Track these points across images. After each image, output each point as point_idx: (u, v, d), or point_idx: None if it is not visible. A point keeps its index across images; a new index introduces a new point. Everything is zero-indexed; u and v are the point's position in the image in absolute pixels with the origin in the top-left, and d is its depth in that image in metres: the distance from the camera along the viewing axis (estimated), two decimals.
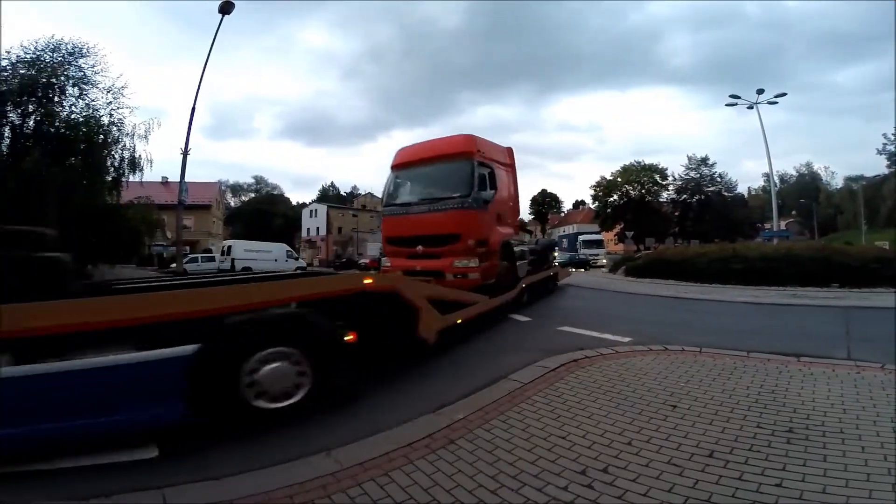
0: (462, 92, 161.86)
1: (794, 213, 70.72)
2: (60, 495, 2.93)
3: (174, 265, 16.37)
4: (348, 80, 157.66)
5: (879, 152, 66.49)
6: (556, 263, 17.90)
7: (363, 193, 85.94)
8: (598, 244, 43.33)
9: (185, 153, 12.65)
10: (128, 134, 16.33)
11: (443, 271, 8.48)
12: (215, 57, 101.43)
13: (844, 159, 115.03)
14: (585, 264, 33.68)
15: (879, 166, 66.26)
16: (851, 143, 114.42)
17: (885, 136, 65.92)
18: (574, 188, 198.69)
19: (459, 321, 7.06)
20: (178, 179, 13.05)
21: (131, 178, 16.94)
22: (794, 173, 77.13)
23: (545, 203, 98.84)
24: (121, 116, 16.22)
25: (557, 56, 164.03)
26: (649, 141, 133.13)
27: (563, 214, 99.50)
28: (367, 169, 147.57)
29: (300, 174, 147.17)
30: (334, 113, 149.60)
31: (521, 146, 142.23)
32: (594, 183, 64.68)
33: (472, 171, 8.56)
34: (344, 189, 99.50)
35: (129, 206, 18.23)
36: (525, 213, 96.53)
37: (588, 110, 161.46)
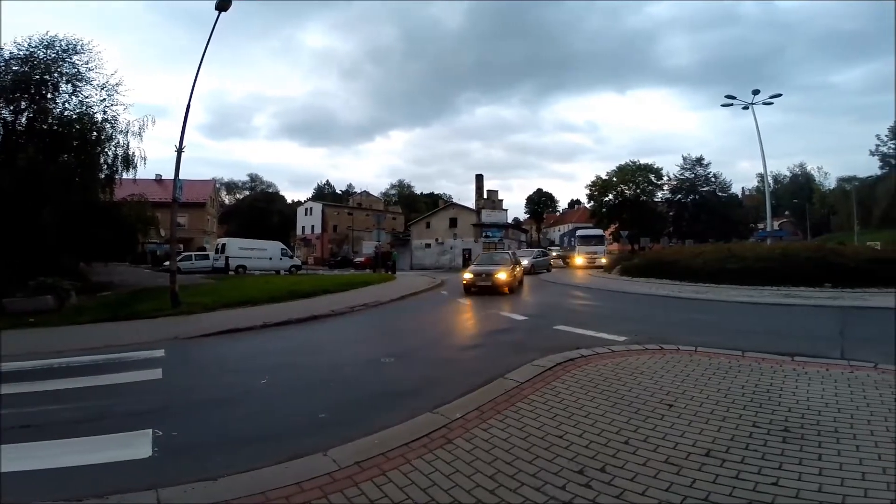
0: (462, 92, 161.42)
1: (787, 213, 71.14)
2: (53, 495, 2.90)
3: (167, 263, 16.24)
4: (348, 81, 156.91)
5: (872, 153, 67.03)
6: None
7: (359, 192, 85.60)
8: (599, 240, 38.53)
9: (180, 150, 12.53)
10: (122, 131, 16.19)
11: None
12: (219, 57, 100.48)
13: (838, 160, 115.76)
14: (545, 267, 29.40)
15: (872, 167, 66.87)
16: (845, 145, 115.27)
17: (878, 137, 66.51)
18: (573, 188, 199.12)
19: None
20: (173, 177, 12.90)
21: (125, 176, 16.78)
22: (787, 174, 77.43)
23: (541, 202, 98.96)
24: (115, 113, 16.09)
25: (557, 57, 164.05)
26: (647, 141, 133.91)
27: (558, 213, 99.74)
28: (363, 168, 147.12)
29: (297, 173, 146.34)
30: (333, 113, 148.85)
31: (521, 146, 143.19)
32: (590, 182, 64.87)
33: None
34: (340, 188, 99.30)
35: (123, 204, 18.11)
36: (520, 212, 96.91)
37: (587, 111, 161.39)
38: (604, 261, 32.80)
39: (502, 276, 14.55)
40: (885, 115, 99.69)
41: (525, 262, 24.24)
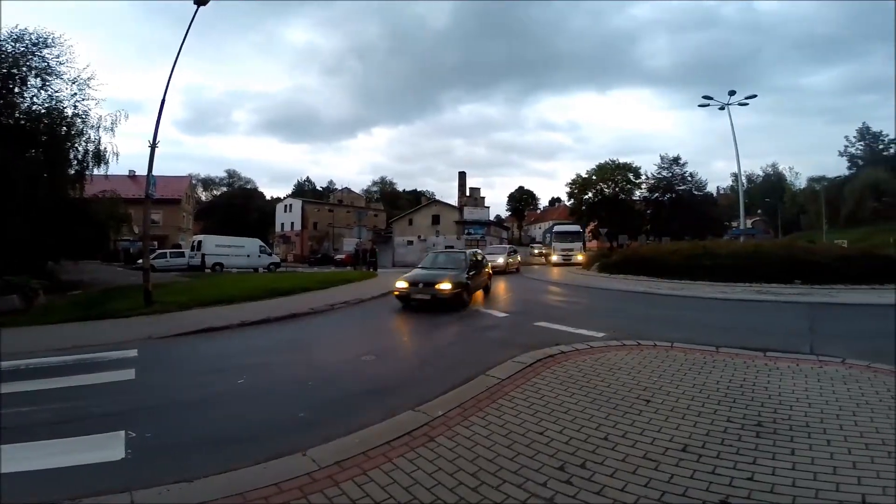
0: (447, 90, 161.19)
1: (760, 212, 73.18)
2: (26, 497, 2.83)
3: (141, 261, 15.84)
4: (331, 77, 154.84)
5: (841, 154, 69.83)
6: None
7: (340, 189, 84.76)
8: (575, 237, 36.75)
9: (154, 146, 12.18)
10: (93, 126, 15.67)
11: None
12: (199, 52, 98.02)
13: (809, 160, 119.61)
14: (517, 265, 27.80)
15: (841, 168, 69.54)
16: (815, 145, 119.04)
17: (847, 138, 69.27)
18: (554, 186, 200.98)
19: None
20: (146, 173, 12.55)
21: (96, 172, 16.27)
22: (760, 173, 79.86)
23: (522, 200, 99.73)
24: (86, 108, 15.56)
25: (541, 56, 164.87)
26: (626, 140, 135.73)
27: (539, 211, 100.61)
28: (345, 165, 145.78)
29: (276, 169, 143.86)
30: (315, 109, 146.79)
31: (504, 144, 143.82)
32: (570, 180, 65.63)
33: None
34: (320, 184, 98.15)
35: (94, 201, 17.57)
36: (502, 210, 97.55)
37: (568, 110, 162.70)
38: (580, 258, 32.17)
39: (446, 286, 10.68)
40: (855, 117, 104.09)
41: (500, 259, 23.70)
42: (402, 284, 11.32)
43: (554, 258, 34.12)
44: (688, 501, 2.53)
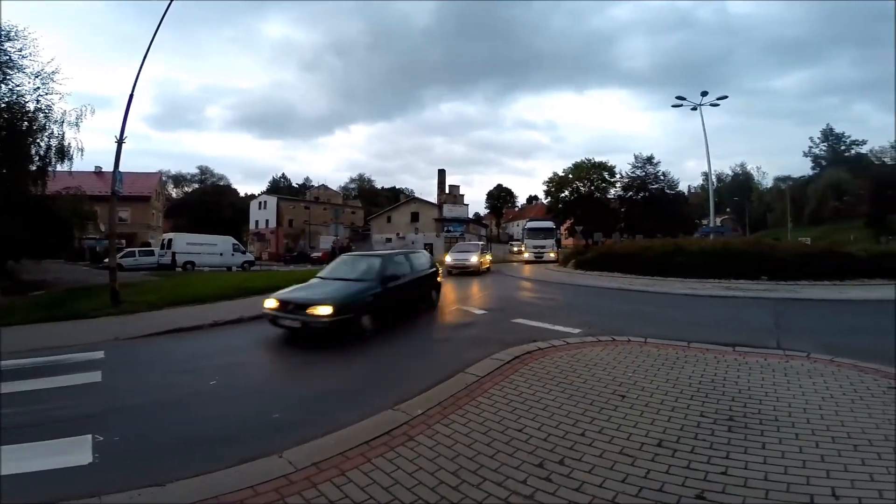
0: (427, 88, 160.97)
1: (729, 210, 75.46)
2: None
3: (108, 260, 15.32)
4: (309, 73, 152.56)
5: (806, 155, 72.75)
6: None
7: (317, 185, 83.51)
8: (548, 233, 34.11)
9: (121, 141, 11.75)
10: (57, 121, 15.06)
11: None
12: (172, 46, 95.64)
13: (775, 161, 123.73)
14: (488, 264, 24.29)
15: (805, 168, 72.40)
16: (782, 146, 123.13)
17: (811, 139, 72.20)
18: (531, 184, 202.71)
19: None
20: (113, 169, 12.11)
21: (60, 168, 15.67)
22: (730, 173, 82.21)
23: (500, 198, 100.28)
24: (49, 103, 14.95)
25: (521, 56, 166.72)
26: (602, 140, 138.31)
27: (517, 209, 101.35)
28: (322, 162, 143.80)
29: (251, 165, 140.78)
30: (292, 105, 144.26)
31: (483, 142, 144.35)
32: (547, 179, 66.41)
33: None
34: (296, 181, 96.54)
35: (58, 198, 16.91)
36: (481, 208, 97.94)
37: (546, 109, 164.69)
38: (553, 255, 31.25)
39: (324, 310, 7.07)
40: (819, 119, 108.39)
41: (472, 258, 21.57)
42: (270, 304, 7.77)
43: (526, 255, 32.89)
44: (665, 497, 2.58)
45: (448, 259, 22.25)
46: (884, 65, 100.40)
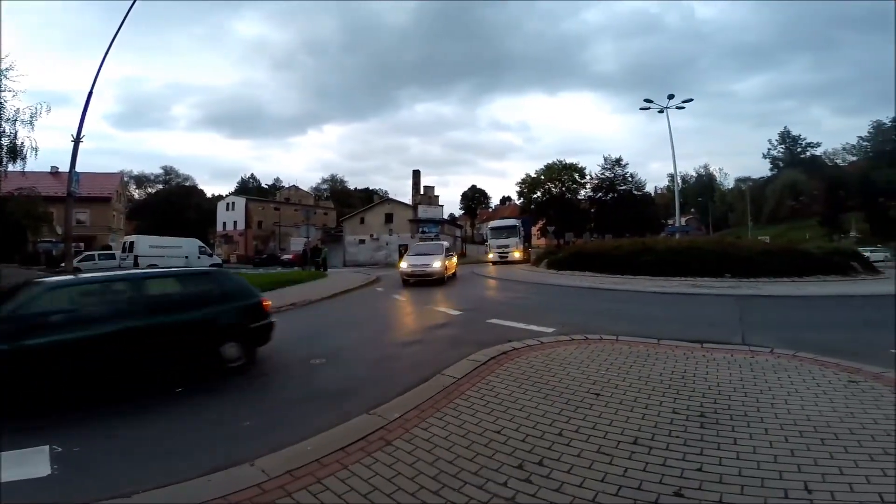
0: (403, 88, 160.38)
1: (693, 210, 78.09)
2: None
3: (64, 264, 14.63)
4: (281, 71, 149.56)
5: (765, 156, 76.17)
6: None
7: (287, 186, 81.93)
8: (511, 231, 32.28)
9: (77, 140, 11.24)
10: (9, 119, 14.34)
11: None
12: (138, 43, 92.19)
13: (736, 162, 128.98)
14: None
15: (764, 169, 75.68)
16: (742, 148, 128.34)
17: (770, 142, 75.62)
18: (505, 185, 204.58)
19: None
20: (69, 169, 11.56)
21: (11, 168, 14.90)
22: (694, 174, 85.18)
23: (475, 199, 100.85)
24: (1, 100, 14.19)
25: (495, 58, 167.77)
26: (573, 142, 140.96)
27: (491, 210, 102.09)
28: (293, 162, 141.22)
29: (219, 166, 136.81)
30: (263, 104, 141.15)
31: (458, 143, 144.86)
32: (520, 180, 67.25)
33: None
34: (266, 181, 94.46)
35: (9, 199, 16.07)
36: (456, 209, 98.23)
37: (520, 110, 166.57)
38: (517, 255, 29.58)
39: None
40: (777, 121, 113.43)
41: (435, 264, 16.86)
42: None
43: (490, 256, 31.06)
44: (644, 495, 2.60)
45: (403, 265, 17.71)
46: (838, 69, 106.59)
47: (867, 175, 52.67)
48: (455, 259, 22.76)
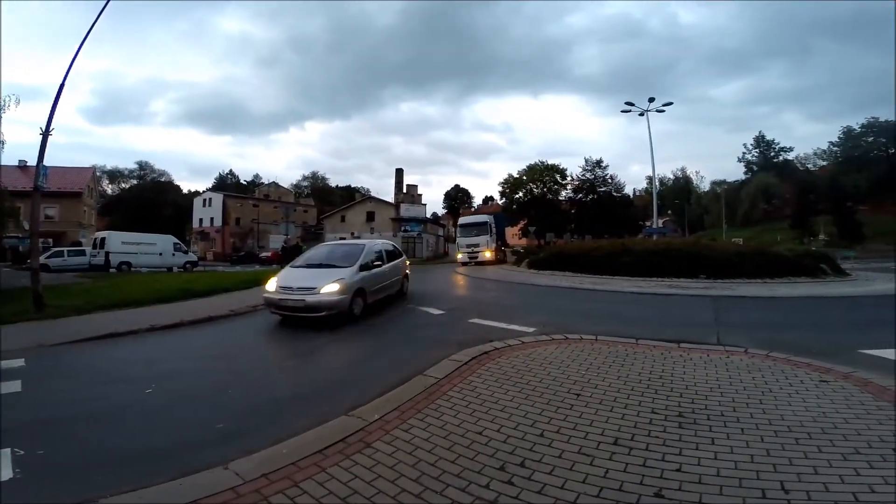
0: (387, 87, 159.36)
1: (670, 212, 79.59)
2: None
3: (31, 260, 14.09)
4: (265, 68, 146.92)
5: (739, 160, 77.99)
6: None
7: (266, 182, 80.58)
8: (481, 229, 29.01)
9: (46, 133, 10.78)
10: None
11: None
12: (119, 38, 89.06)
13: (712, 165, 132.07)
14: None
15: (738, 173, 77.62)
16: (718, 152, 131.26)
17: (745, 146, 77.50)
18: (487, 185, 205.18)
19: None
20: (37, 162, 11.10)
21: None
22: (671, 176, 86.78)
23: (457, 198, 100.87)
24: None
25: (481, 59, 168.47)
26: (555, 143, 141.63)
27: (473, 209, 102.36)
28: (274, 159, 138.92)
29: (198, 162, 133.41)
30: (244, 101, 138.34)
31: (441, 143, 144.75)
32: (503, 180, 67.58)
33: None
34: (245, 178, 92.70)
35: None
36: (439, 208, 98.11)
37: (503, 112, 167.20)
38: (488, 254, 27.22)
39: None
40: (752, 126, 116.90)
41: (331, 288, 8.60)
42: None
43: (459, 256, 28.43)
44: (625, 496, 2.60)
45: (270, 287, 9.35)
46: (811, 75, 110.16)
47: (835, 179, 54.48)
48: (407, 261, 13.32)
